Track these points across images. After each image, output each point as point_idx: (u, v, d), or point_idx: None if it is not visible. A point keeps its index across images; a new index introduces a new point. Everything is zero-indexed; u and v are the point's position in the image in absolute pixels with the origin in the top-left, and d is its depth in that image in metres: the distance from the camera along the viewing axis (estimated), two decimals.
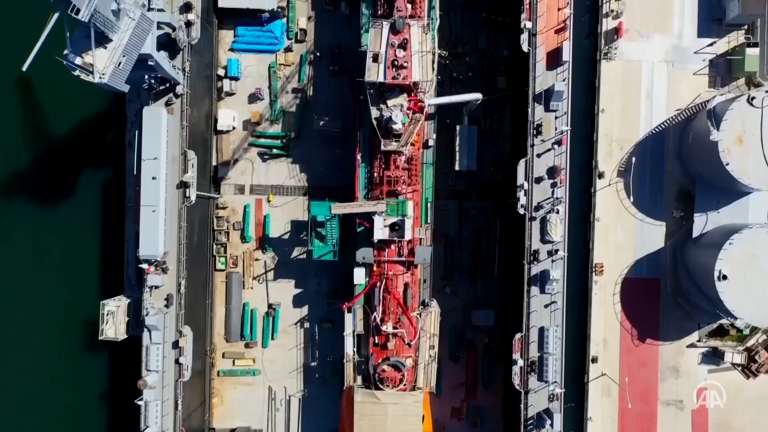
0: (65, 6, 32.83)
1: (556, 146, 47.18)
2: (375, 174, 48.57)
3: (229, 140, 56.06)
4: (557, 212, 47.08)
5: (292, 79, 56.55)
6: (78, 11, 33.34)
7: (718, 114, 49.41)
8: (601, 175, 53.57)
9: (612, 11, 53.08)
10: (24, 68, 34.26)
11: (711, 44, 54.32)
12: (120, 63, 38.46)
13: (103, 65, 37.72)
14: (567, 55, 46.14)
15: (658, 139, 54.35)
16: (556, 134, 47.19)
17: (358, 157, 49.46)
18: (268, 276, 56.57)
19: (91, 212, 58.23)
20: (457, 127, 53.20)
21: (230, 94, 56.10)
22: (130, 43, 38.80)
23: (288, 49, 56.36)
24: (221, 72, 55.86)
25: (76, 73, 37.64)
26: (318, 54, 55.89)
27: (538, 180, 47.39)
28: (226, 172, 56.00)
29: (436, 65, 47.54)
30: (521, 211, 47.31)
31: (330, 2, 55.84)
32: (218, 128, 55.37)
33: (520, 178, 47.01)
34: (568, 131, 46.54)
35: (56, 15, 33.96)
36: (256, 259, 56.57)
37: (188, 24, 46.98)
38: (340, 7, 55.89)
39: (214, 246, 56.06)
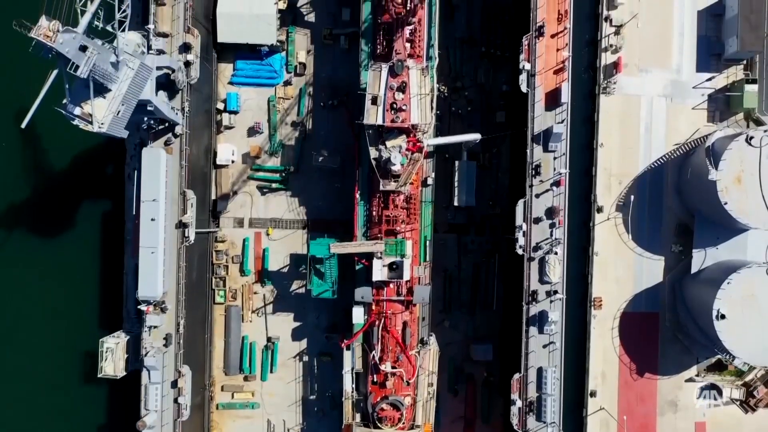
0: (64, 63, 32.85)
1: (554, 187, 47.12)
2: (374, 212, 48.61)
3: (228, 174, 56.17)
4: (556, 253, 47.10)
5: (291, 113, 56.63)
6: (77, 68, 33.31)
7: (716, 152, 49.43)
8: (599, 210, 53.56)
9: (611, 46, 53.08)
10: (23, 125, 34.29)
11: (710, 79, 54.33)
12: (119, 112, 38.51)
13: (102, 115, 37.83)
14: (566, 96, 46.22)
15: (656, 173, 54.33)
16: (554, 175, 47.20)
17: (357, 195, 49.48)
18: (267, 309, 56.71)
19: (90, 244, 58.38)
20: (456, 163, 53.26)
21: (229, 127, 56.18)
22: (129, 92, 38.92)
23: (287, 83, 56.50)
24: (220, 105, 55.96)
25: (75, 122, 37.65)
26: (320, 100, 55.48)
27: (537, 220, 47.44)
28: (225, 206, 56.08)
29: (435, 106, 47.71)
30: (520, 251, 47.39)
31: (329, 36, 55.91)
32: (217, 162, 55.36)
33: (519, 219, 47.08)
34: (567, 173, 46.45)
35: (55, 71, 33.92)
36: (255, 293, 56.70)
37: (187, 64, 46.99)
38: (339, 41, 56.01)
39: (213, 279, 56.13)
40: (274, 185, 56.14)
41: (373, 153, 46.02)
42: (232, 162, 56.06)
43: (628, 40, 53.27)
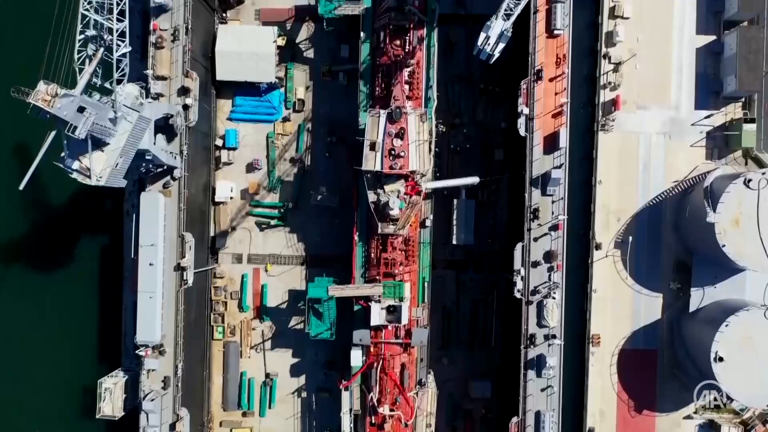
0: (63, 124, 32.91)
1: (552, 231, 47.17)
2: (372, 255, 48.68)
3: (226, 210, 56.23)
4: (554, 297, 47.11)
5: (290, 149, 56.70)
6: (75, 129, 33.37)
7: (714, 192, 49.45)
8: (598, 247, 53.52)
9: (610, 83, 53.10)
10: (21, 187, 34.32)
11: (708, 116, 54.27)
12: (117, 164, 38.55)
13: (101, 168, 37.93)
14: (564, 141, 46.23)
15: (655, 210, 54.29)
16: (553, 218, 47.21)
17: (356, 236, 49.50)
18: (265, 345, 56.77)
19: (89, 278, 58.51)
20: (455, 201, 53.34)
21: (228, 163, 56.23)
22: (127, 144, 39.05)
23: (286, 119, 56.57)
24: (219, 142, 56.00)
25: (73, 176, 37.69)
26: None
27: (535, 264, 47.49)
28: (224, 242, 56.17)
29: (433, 147, 47.74)
30: (518, 295, 47.41)
31: (328, 73, 55.93)
32: (216, 199, 55.39)
33: (517, 264, 47.13)
34: (566, 219, 46.50)
35: (53, 132, 33.96)
36: (254, 329, 56.78)
37: (185, 107, 47.04)
38: (338, 77, 55.98)
39: (212, 316, 56.20)
40: (272, 222, 56.14)
41: (371, 197, 46.11)
42: (231, 198, 56.05)
43: (626, 77, 53.28)
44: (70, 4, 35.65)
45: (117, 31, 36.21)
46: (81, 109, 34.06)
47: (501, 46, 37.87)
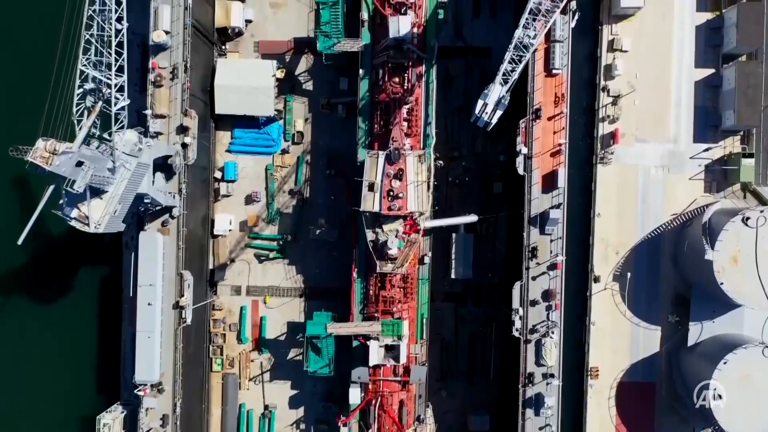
0: (61, 179, 32.94)
1: (551, 271, 47.20)
2: (371, 292, 48.69)
3: (225, 243, 56.26)
4: (552, 336, 47.15)
5: (289, 181, 56.71)
6: (74, 183, 33.40)
7: (713, 228, 49.49)
8: (596, 279, 53.58)
9: (608, 116, 53.13)
10: (19, 242, 34.32)
11: (707, 150, 54.30)
12: (116, 211, 38.54)
13: (99, 216, 37.92)
14: (562, 181, 46.26)
15: (653, 243, 54.30)
16: (551, 257, 47.26)
17: (354, 273, 49.52)
18: (264, 377, 56.83)
19: (88, 310, 58.50)
20: (453, 235, 53.29)
21: (227, 195, 56.21)
22: (126, 190, 39.00)
23: (285, 151, 56.60)
24: (218, 174, 56.00)
25: (72, 223, 37.71)
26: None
27: (533, 303, 47.52)
28: (223, 275, 56.21)
29: (431, 183, 47.76)
30: (516, 334, 47.43)
31: (327, 105, 55.93)
32: (215, 233, 55.41)
33: (515, 302, 47.16)
34: (564, 260, 46.55)
35: (52, 187, 33.99)
36: (252, 360, 56.79)
37: (184, 146, 47.06)
38: (337, 110, 56.00)
39: (211, 348, 56.20)
40: (271, 255, 56.17)
41: (369, 236, 46.15)
42: (230, 231, 56.08)
43: (625, 110, 53.33)
44: (71, 56, 35.71)
45: (116, 86, 36.23)
46: (79, 163, 34.12)
47: (498, 113, 37.84)
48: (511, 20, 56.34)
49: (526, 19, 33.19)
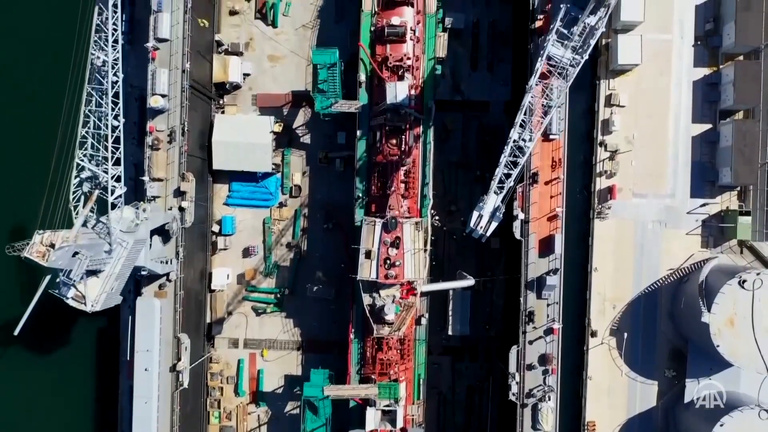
0: (53, 279, 32.99)
1: (547, 335, 47.28)
2: (368, 353, 48.75)
3: (223, 298, 56.30)
4: (548, 400, 47.20)
5: (286, 234, 56.75)
6: (70, 272, 33.44)
7: (709, 287, 49.53)
8: (594, 334, 53.57)
9: (605, 171, 53.22)
10: (15, 333, 34.35)
11: (704, 205, 54.36)
12: (113, 288, 38.57)
13: (96, 294, 37.91)
14: (559, 248, 46.32)
15: (650, 298, 54.28)
16: (548, 321, 47.34)
17: (351, 335, 49.59)
18: (261, 430, 56.81)
19: (85, 361, 58.41)
20: (451, 292, 53.30)
21: (224, 249, 56.26)
22: (123, 267, 39.02)
23: (282, 205, 56.64)
24: (215, 228, 56.02)
25: (69, 302, 37.73)
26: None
27: (530, 367, 47.58)
28: (220, 330, 56.25)
29: (428, 245, 47.82)
30: (513, 398, 47.49)
31: (325, 159, 55.98)
32: (212, 287, 55.46)
33: (512, 367, 47.21)
34: (560, 327, 46.64)
35: (48, 277, 34.02)
36: (250, 413, 56.81)
37: (181, 209, 47.08)
38: (334, 163, 56.05)
39: (208, 400, 56.22)
40: (269, 309, 56.24)
41: (366, 300, 46.23)
42: (227, 284, 56.14)
43: (622, 165, 53.38)
44: (70, 144, 35.88)
45: (113, 176, 36.29)
46: (76, 253, 34.16)
47: (494, 225, 37.83)
48: (508, 74, 56.86)
49: (522, 119, 33.19)
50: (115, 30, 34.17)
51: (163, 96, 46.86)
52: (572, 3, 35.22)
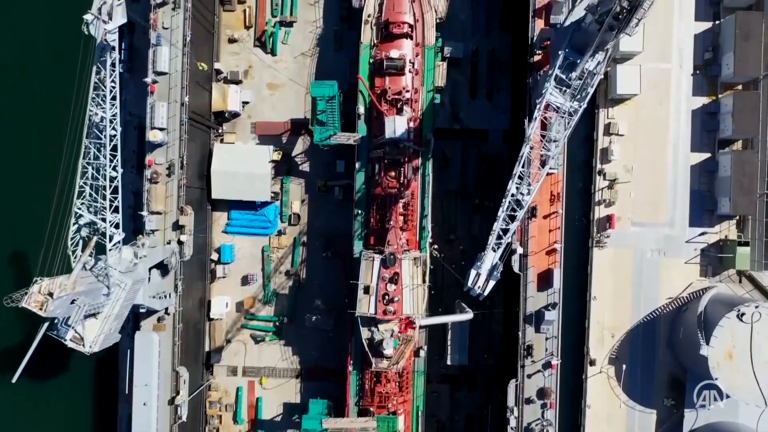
0: (50, 324, 33.01)
1: (546, 370, 47.28)
2: (366, 386, 48.74)
3: (222, 327, 56.26)
4: None
5: (285, 262, 56.71)
6: (68, 319, 33.43)
7: (708, 318, 49.54)
8: (592, 363, 53.68)
9: (604, 200, 53.26)
10: (13, 380, 34.33)
11: (702, 234, 54.39)
12: (111, 328, 38.57)
13: (94, 336, 37.87)
14: (557, 282, 46.32)
15: (649, 327, 54.37)
16: (546, 355, 47.35)
17: (350, 367, 49.57)
18: None
19: (84, 389, 58.32)
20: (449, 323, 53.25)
21: (223, 277, 56.23)
22: (122, 308, 38.97)
23: (281, 233, 56.59)
24: (214, 256, 56.00)
25: (68, 344, 37.72)
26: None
27: (528, 401, 47.56)
28: (219, 359, 56.19)
29: (427, 278, 47.78)
30: None
31: (324, 187, 55.96)
32: (211, 316, 55.44)
33: (510, 401, 47.23)
34: (559, 363, 46.65)
35: (46, 324, 34.02)
36: None
37: (180, 242, 47.07)
38: (333, 192, 56.00)
39: (207, 428, 56.19)
40: (267, 338, 56.23)
41: (365, 334, 46.25)
42: (226, 313, 56.15)
43: (621, 194, 53.43)
44: (70, 190, 35.96)
45: (111, 223, 36.31)
46: (74, 300, 34.20)
47: (491, 284, 37.76)
48: (508, 103, 56.82)
49: (520, 171, 33.13)
50: (113, 87, 34.30)
51: (161, 129, 46.81)
52: (570, 47, 35.10)
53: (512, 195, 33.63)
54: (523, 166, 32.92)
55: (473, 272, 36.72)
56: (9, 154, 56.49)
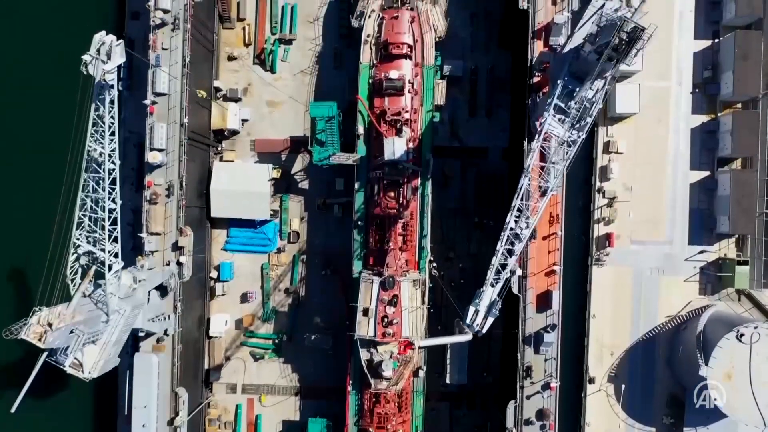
0: (50, 351, 32.98)
1: (545, 391, 47.28)
2: (365, 406, 48.72)
3: (221, 345, 56.26)
4: None
5: (284, 280, 56.71)
6: (67, 348, 33.40)
7: (707, 338, 49.50)
8: (591, 381, 53.62)
9: (603, 218, 53.25)
10: (12, 410, 34.30)
11: (701, 252, 54.38)
12: (110, 354, 38.55)
13: (93, 362, 37.82)
14: (556, 304, 46.31)
15: (648, 345, 54.32)
16: (545, 377, 47.34)
17: (349, 387, 49.57)
18: None
19: (83, 409, 58.26)
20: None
21: (222, 295, 56.25)
22: (121, 333, 38.95)
23: (280, 250, 56.58)
24: (214, 274, 56.00)
25: (68, 371, 37.69)
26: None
27: (527, 422, 47.55)
28: (218, 377, 56.19)
29: (426, 299, 47.78)
30: None
31: (323, 205, 55.98)
32: (210, 334, 55.44)
33: (509, 422, 47.22)
34: (558, 385, 46.65)
35: (45, 354, 33.98)
36: None
37: (179, 263, 47.08)
38: (333, 209, 56.02)
39: None
40: (266, 356, 56.23)
41: (364, 355, 46.22)
42: (226, 331, 56.16)
43: (620, 212, 53.41)
44: (70, 218, 35.99)
45: (110, 252, 36.34)
46: (73, 330, 34.20)
47: (490, 321, 37.72)
48: (507, 121, 56.81)
49: (519, 204, 33.09)
50: (112, 123, 34.31)
51: (160, 150, 46.80)
52: (570, 75, 35.08)
53: (511, 229, 33.59)
54: (521, 199, 32.92)
55: (471, 309, 36.65)
56: (9, 185, 56.69)
